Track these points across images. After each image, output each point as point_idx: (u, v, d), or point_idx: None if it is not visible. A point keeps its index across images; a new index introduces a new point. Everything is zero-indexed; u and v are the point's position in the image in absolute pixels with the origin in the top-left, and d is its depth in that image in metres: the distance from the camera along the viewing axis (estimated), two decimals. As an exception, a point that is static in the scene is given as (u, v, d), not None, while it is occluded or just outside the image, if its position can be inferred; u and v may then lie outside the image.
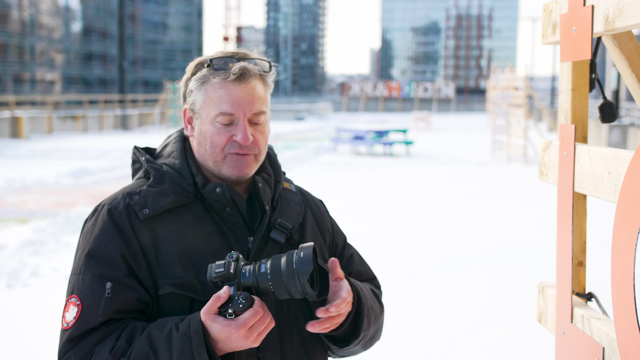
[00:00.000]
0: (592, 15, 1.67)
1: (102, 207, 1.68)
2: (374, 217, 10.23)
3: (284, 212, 1.78)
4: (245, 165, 1.69)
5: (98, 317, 1.55)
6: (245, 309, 1.48)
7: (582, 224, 1.91)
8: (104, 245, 1.61)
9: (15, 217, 10.26)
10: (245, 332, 1.48)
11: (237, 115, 1.66)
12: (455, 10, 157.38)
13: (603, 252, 4.58)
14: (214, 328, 1.49)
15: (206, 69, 1.68)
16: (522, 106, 19.28)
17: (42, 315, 5.73)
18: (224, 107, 1.65)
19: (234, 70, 1.65)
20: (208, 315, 1.49)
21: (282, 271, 1.49)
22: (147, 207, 1.64)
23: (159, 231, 1.64)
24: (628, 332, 1.43)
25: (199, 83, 1.69)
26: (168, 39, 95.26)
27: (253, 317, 1.48)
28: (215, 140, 1.67)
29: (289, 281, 1.48)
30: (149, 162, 1.73)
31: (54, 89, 69.20)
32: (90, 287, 1.58)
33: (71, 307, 1.58)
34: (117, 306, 1.56)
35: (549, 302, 2.06)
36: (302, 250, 1.51)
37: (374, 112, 61.74)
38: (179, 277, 1.61)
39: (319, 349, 1.78)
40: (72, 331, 1.55)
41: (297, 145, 24.49)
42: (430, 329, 5.47)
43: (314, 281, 1.55)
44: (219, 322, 1.49)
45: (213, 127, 1.67)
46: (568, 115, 1.94)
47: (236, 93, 1.66)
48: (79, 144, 24.12)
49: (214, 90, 1.66)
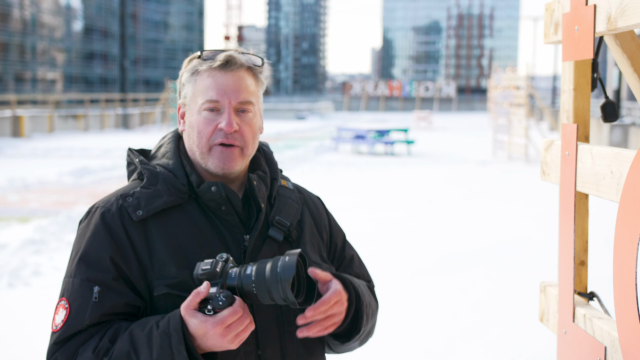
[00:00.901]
0: (595, 14, 1.67)
1: (96, 210, 1.69)
2: (375, 216, 10.23)
3: (282, 210, 1.77)
4: (230, 158, 1.68)
5: (85, 320, 1.56)
6: (224, 307, 1.48)
7: (584, 223, 1.91)
8: (94, 249, 1.62)
9: (16, 216, 10.27)
10: (222, 330, 1.48)
11: (223, 103, 1.67)
12: (456, 10, 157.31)
13: (604, 252, 4.57)
14: (192, 323, 1.49)
15: (196, 60, 1.71)
16: (523, 105, 19.28)
17: (43, 314, 5.73)
18: (209, 94, 1.66)
19: (219, 57, 1.68)
20: (187, 310, 1.50)
21: (265, 275, 1.49)
22: (141, 209, 1.64)
23: (152, 232, 1.64)
24: (630, 331, 1.43)
25: (189, 74, 1.71)
26: (169, 38, 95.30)
27: (231, 315, 1.48)
28: (201, 130, 1.68)
29: (272, 286, 1.48)
30: (142, 164, 1.73)
31: (55, 88, 69.23)
32: (79, 291, 1.59)
33: (60, 310, 1.59)
34: (105, 310, 1.57)
35: (550, 301, 2.06)
36: (287, 256, 1.51)
37: (375, 111, 61.71)
38: (173, 278, 1.60)
39: (318, 345, 1.78)
40: (60, 334, 1.57)
41: (298, 145, 24.49)
42: (431, 328, 5.47)
43: (300, 288, 1.55)
44: (197, 317, 1.49)
45: (200, 116, 1.68)
46: (570, 115, 1.94)
47: (221, 80, 1.67)
48: (80, 143, 24.13)
49: (202, 80, 1.68)
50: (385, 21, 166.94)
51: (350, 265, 1.92)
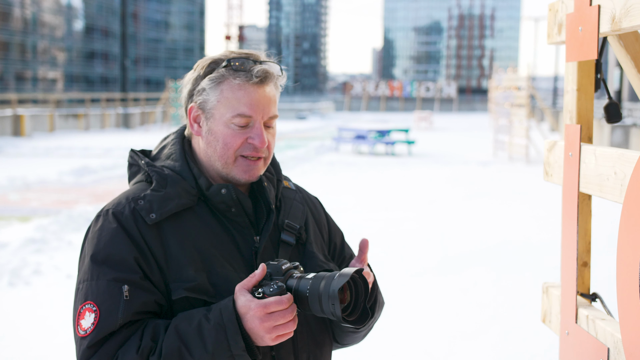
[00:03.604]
0: (599, 15, 1.66)
1: (107, 212, 1.65)
2: (376, 216, 10.23)
3: (289, 212, 1.78)
4: (256, 169, 1.69)
5: (118, 320, 1.53)
6: (273, 294, 1.50)
7: (587, 224, 1.91)
8: (116, 250, 1.59)
9: (17, 215, 10.27)
10: (263, 314, 1.47)
11: (255, 118, 1.65)
12: (457, 10, 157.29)
13: (607, 253, 4.57)
14: (240, 300, 1.50)
15: (224, 69, 1.66)
16: (524, 106, 19.28)
17: (44, 313, 5.73)
18: (242, 109, 1.64)
19: (256, 73, 1.64)
20: (240, 288, 1.52)
21: (320, 286, 1.51)
22: (154, 212, 1.63)
23: (167, 235, 1.63)
24: (633, 332, 1.43)
25: (215, 82, 1.66)
26: (170, 37, 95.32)
27: (276, 303, 1.48)
28: (229, 142, 1.66)
29: (323, 298, 1.50)
30: (149, 166, 1.71)
31: (56, 87, 69.26)
32: (107, 292, 1.55)
33: (87, 314, 1.54)
34: (136, 308, 1.55)
35: (553, 302, 2.05)
36: (341, 276, 1.51)
37: (376, 111, 61.73)
38: (191, 281, 1.59)
39: (327, 340, 1.80)
40: (92, 337, 1.52)
41: (299, 145, 24.50)
42: (432, 329, 5.46)
43: (357, 306, 1.55)
44: (245, 295, 1.50)
45: (228, 128, 1.66)
46: (573, 116, 1.93)
47: (256, 96, 1.65)
48: (81, 143, 24.14)
49: (232, 91, 1.64)
50: (386, 21, 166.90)
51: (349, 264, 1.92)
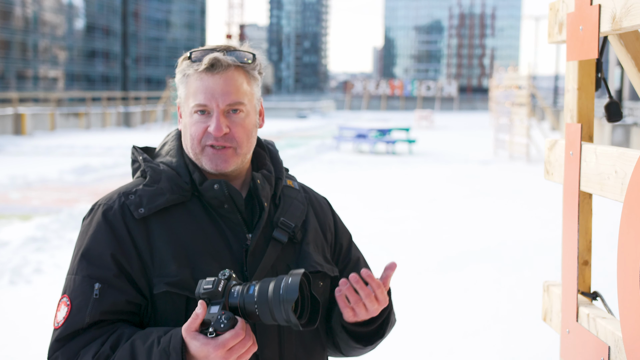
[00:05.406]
0: (599, 14, 1.67)
1: (98, 207, 1.68)
2: (377, 215, 10.23)
3: (287, 211, 1.76)
4: (222, 159, 1.67)
5: (85, 318, 1.55)
6: (226, 330, 1.45)
7: (587, 223, 1.91)
8: (95, 246, 1.62)
9: (18, 214, 10.28)
10: (224, 353, 1.44)
11: (211, 107, 1.66)
12: (458, 9, 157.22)
13: (608, 251, 4.57)
14: (193, 345, 1.46)
15: (186, 62, 1.69)
16: (525, 105, 19.28)
17: (45, 312, 5.74)
18: (198, 97, 1.66)
19: (204, 61, 1.65)
20: (188, 332, 1.47)
21: (268, 296, 1.47)
22: (143, 207, 1.64)
23: (154, 230, 1.64)
24: (634, 331, 1.43)
25: (181, 76, 1.70)
26: (171, 36, 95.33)
27: (233, 338, 1.44)
28: (193, 132, 1.68)
29: (274, 307, 1.46)
30: (145, 161, 1.73)
31: (57, 86, 69.26)
32: (80, 288, 1.58)
33: (62, 307, 1.59)
34: (105, 307, 1.57)
35: (554, 300, 2.06)
36: (290, 277, 1.48)
37: (377, 110, 61.69)
38: (173, 276, 1.60)
39: (318, 347, 1.77)
40: (61, 331, 1.57)
41: (299, 143, 24.48)
42: (434, 327, 5.47)
43: (304, 309, 1.52)
44: (199, 339, 1.45)
45: (192, 118, 1.68)
46: (574, 114, 1.94)
47: (209, 84, 1.65)
48: (82, 141, 24.13)
49: (192, 82, 1.67)
50: (387, 20, 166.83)
51: (356, 267, 1.90)
